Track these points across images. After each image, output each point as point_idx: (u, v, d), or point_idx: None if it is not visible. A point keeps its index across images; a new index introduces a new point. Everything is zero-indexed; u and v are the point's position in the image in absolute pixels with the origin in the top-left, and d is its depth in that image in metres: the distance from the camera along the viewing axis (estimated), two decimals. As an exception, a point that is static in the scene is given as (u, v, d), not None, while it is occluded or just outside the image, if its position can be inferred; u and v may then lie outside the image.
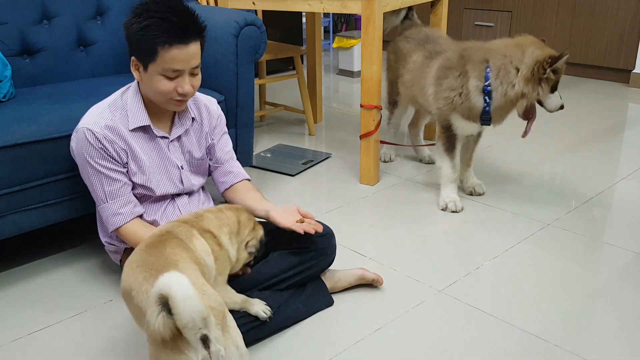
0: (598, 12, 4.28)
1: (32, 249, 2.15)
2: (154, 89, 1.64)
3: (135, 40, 1.61)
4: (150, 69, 1.62)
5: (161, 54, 1.58)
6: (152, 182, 1.75)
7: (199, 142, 1.85)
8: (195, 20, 1.63)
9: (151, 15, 1.58)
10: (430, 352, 1.59)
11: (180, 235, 1.43)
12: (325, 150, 3.14)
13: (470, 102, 2.26)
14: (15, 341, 1.66)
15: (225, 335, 1.22)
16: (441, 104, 2.34)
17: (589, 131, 3.38)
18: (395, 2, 2.58)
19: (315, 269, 1.76)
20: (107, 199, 1.70)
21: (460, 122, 2.34)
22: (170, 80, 1.62)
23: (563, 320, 1.71)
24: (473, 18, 4.94)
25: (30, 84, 2.32)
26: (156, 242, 1.41)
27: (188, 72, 1.64)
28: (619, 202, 2.48)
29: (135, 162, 1.72)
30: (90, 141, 1.66)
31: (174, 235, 1.43)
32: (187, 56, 1.60)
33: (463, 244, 2.17)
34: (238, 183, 1.90)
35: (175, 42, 1.57)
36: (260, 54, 2.39)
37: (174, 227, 1.47)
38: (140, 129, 1.72)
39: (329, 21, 5.96)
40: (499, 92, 2.21)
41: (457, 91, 2.28)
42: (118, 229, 1.71)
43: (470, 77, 2.24)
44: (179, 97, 1.66)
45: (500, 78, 2.19)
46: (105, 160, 1.68)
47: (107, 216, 1.71)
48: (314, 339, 1.65)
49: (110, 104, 1.72)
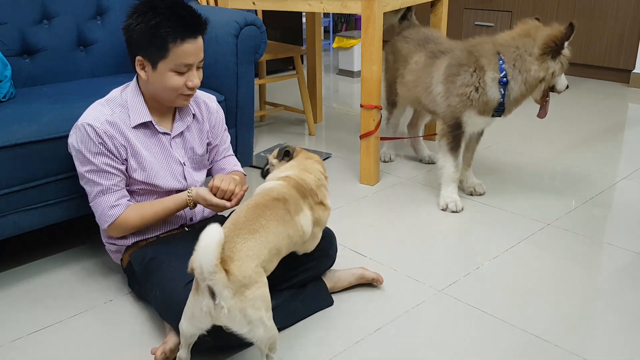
0: (598, 12, 4.28)
1: (32, 249, 2.15)
2: (165, 86, 1.66)
3: (143, 39, 1.62)
4: (160, 66, 1.63)
5: (173, 50, 1.61)
6: (155, 178, 1.76)
7: (200, 138, 1.86)
8: (199, 15, 1.66)
9: (159, 12, 1.59)
10: (430, 352, 1.59)
11: (288, 207, 1.50)
12: (325, 150, 3.14)
13: (487, 95, 2.28)
14: (15, 341, 1.66)
15: (235, 298, 1.29)
16: (455, 101, 2.34)
17: (589, 131, 3.38)
18: (395, 2, 2.57)
19: (316, 269, 1.77)
20: (103, 193, 1.70)
21: (473, 117, 2.34)
22: (180, 76, 1.65)
23: (563, 320, 1.71)
24: (473, 18, 4.94)
25: (30, 84, 2.32)
26: (263, 204, 1.48)
27: (196, 66, 1.68)
28: (619, 202, 2.48)
29: (135, 159, 1.72)
30: (90, 136, 1.66)
31: (284, 203, 1.50)
32: (197, 50, 1.65)
33: (463, 244, 2.17)
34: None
35: (187, 36, 1.61)
36: (260, 54, 2.39)
37: (286, 194, 1.53)
38: (142, 126, 1.73)
39: (329, 21, 5.96)
40: (519, 81, 2.25)
41: (472, 86, 2.29)
42: (115, 220, 1.71)
43: (486, 70, 2.27)
44: (188, 92, 1.69)
45: (518, 67, 2.23)
46: (104, 156, 1.68)
47: (103, 209, 1.71)
48: (314, 339, 1.65)
49: (109, 102, 1.73)
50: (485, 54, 2.28)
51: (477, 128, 2.42)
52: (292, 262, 1.71)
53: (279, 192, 1.53)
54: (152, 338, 1.66)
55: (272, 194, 1.52)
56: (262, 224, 1.42)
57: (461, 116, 2.35)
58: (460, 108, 2.33)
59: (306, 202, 1.57)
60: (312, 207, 1.59)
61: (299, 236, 1.54)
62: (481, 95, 2.28)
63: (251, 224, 1.41)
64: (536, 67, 2.21)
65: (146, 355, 1.58)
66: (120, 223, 1.72)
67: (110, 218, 1.71)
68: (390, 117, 2.94)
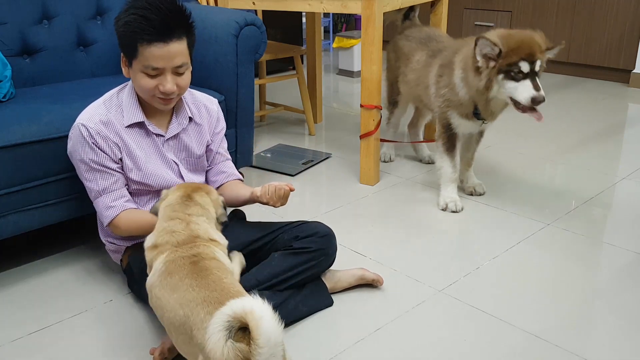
0: (598, 12, 4.28)
1: (32, 249, 2.15)
2: (138, 85, 1.66)
3: (119, 36, 1.62)
4: (133, 65, 1.63)
5: (141, 51, 1.58)
6: (150, 178, 1.76)
7: (198, 140, 1.85)
8: (179, 17, 1.61)
9: (133, 12, 1.58)
10: (430, 352, 1.59)
11: (209, 255, 1.37)
12: (325, 150, 3.14)
13: (458, 96, 2.25)
14: (15, 341, 1.66)
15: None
16: (440, 102, 2.34)
17: (589, 131, 3.38)
18: (395, 2, 2.57)
19: (315, 269, 1.76)
20: (100, 194, 1.71)
21: (458, 120, 2.33)
22: (151, 78, 1.62)
23: (563, 320, 1.71)
24: (473, 18, 4.94)
25: (30, 84, 2.32)
26: (195, 271, 1.31)
27: (170, 71, 1.62)
28: (619, 202, 2.48)
29: (130, 158, 1.72)
30: (84, 136, 1.66)
31: (204, 256, 1.36)
32: (168, 54, 1.59)
33: (463, 244, 2.17)
34: (229, 182, 1.91)
35: (154, 39, 1.56)
36: (260, 54, 2.39)
37: (194, 248, 1.38)
38: (136, 125, 1.73)
39: (329, 21, 5.95)
40: (467, 87, 2.21)
41: (448, 87, 2.28)
42: (112, 221, 1.71)
43: (454, 69, 2.23)
44: (161, 95, 1.65)
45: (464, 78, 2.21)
46: (98, 156, 1.68)
47: (101, 209, 1.72)
48: (314, 339, 1.65)
49: (106, 101, 1.73)
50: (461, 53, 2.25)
51: (467, 130, 2.40)
52: (292, 262, 1.71)
53: (176, 264, 1.35)
54: (151, 338, 1.66)
55: (176, 266, 1.35)
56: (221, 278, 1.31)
57: (449, 117, 2.34)
58: (444, 108, 2.33)
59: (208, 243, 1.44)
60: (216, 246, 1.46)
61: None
62: (453, 96, 2.26)
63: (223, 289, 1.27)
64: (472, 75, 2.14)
65: (145, 355, 1.58)
66: (117, 224, 1.72)
67: (107, 219, 1.72)
68: (391, 116, 2.93)
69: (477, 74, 2.13)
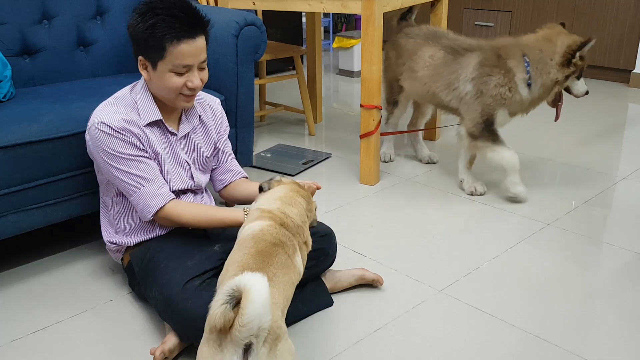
0: (598, 12, 4.28)
1: (32, 249, 2.15)
2: (165, 86, 1.65)
3: (142, 40, 1.61)
4: (159, 67, 1.63)
5: (170, 50, 1.60)
6: (167, 176, 1.75)
7: (206, 140, 1.86)
8: (200, 15, 1.65)
9: (157, 13, 1.59)
10: (430, 352, 1.59)
11: (287, 250, 1.42)
12: (325, 150, 3.14)
13: (520, 95, 2.39)
14: (15, 341, 1.66)
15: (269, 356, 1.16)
16: (489, 101, 2.40)
17: (589, 131, 3.38)
18: (395, 2, 2.57)
19: (315, 269, 1.76)
20: (141, 184, 1.67)
21: (505, 117, 2.45)
22: (180, 76, 1.64)
23: (563, 320, 1.71)
24: (473, 18, 4.94)
25: (30, 84, 2.32)
26: (266, 250, 1.38)
27: (197, 67, 1.66)
28: (619, 202, 2.48)
29: (155, 154, 1.72)
30: (109, 133, 1.64)
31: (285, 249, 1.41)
32: (196, 50, 1.63)
33: (463, 244, 2.17)
34: (237, 180, 1.93)
35: (183, 37, 1.60)
36: (260, 54, 2.39)
37: (281, 236, 1.43)
38: (153, 124, 1.72)
39: (329, 21, 5.96)
40: (538, 83, 2.36)
41: (506, 87, 2.38)
42: (159, 210, 1.68)
43: (516, 72, 2.37)
44: (189, 92, 1.68)
45: (540, 70, 2.35)
46: (129, 148, 1.66)
47: (145, 200, 1.67)
48: (314, 339, 1.65)
49: (119, 100, 1.71)
50: (513, 55, 2.37)
51: (504, 124, 2.50)
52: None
53: (273, 235, 1.42)
54: (151, 338, 1.66)
55: (267, 238, 1.41)
56: (273, 273, 1.34)
57: (495, 115, 2.43)
58: (495, 106, 2.41)
59: (296, 240, 1.48)
60: (301, 247, 1.50)
61: (297, 279, 1.46)
62: (514, 95, 2.38)
63: (265, 273, 1.29)
64: (555, 71, 2.33)
65: (145, 355, 1.58)
66: (164, 214, 1.68)
67: (153, 208, 1.67)
68: (390, 117, 2.93)
69: (564, 69, 2.35)
